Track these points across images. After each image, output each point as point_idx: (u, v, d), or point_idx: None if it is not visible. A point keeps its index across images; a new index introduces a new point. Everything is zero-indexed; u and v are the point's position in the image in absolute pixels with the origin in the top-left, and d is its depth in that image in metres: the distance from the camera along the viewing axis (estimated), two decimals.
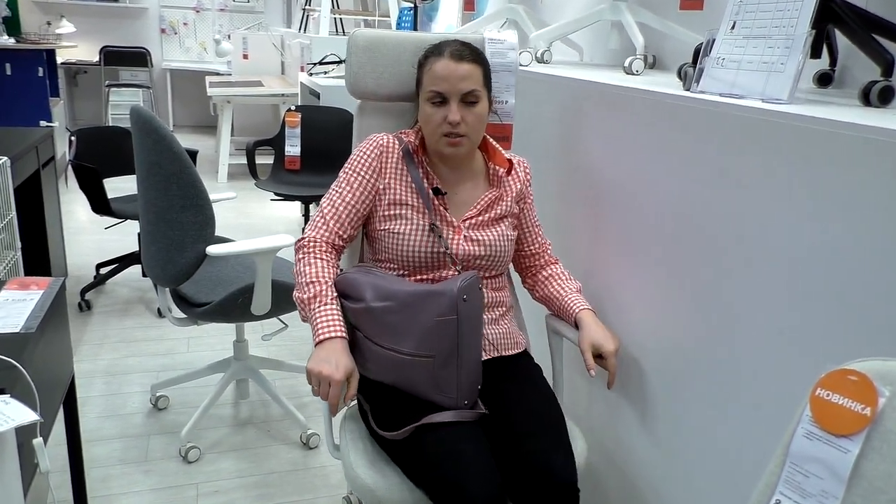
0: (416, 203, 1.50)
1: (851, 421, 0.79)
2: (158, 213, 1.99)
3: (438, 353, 1.35)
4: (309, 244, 1.47)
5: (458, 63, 1.44)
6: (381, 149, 1.52)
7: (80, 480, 1.83)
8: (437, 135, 1.47)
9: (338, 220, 1.49)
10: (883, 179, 0.97)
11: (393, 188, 1.51)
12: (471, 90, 1.44)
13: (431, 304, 1.35)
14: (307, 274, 1.43)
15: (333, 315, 1.39)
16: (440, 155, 1.52)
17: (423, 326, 1.35)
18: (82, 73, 7.57)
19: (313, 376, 1.31)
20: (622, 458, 1.65)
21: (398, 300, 1.37)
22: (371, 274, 1.46)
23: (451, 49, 1.46)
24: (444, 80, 1.44)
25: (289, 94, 5.63)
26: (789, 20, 1.26)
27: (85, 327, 3.09)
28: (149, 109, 1.98)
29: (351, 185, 1.50)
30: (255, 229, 4.65)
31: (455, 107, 1.44)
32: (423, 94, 1.48)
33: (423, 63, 1.50)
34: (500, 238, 1.54)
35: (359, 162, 1.52)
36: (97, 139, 3.45)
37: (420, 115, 1.52)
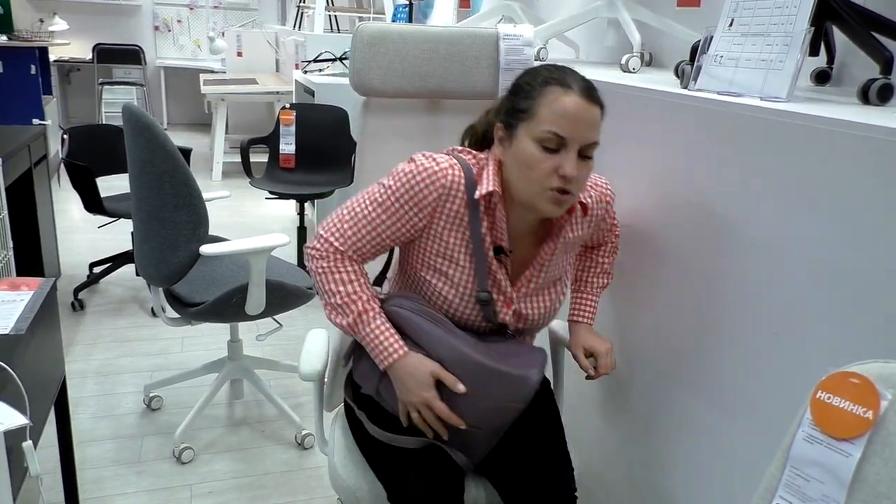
0: (467, 264, 1.26)
1: (853, 424, 0.78)
2: (151, 212, 1.97)
3: (487, 428, 1.25)
4: (327, 255, 1.26)
5: (589, 104, 1.15)
6: (436, 182, 1.21)
7: (72, 482, 1.81)
8: (541, 187, 1.15)
9: (358, 248, 1.26)
10: (884, 178, 0.96)
11: (444, 239, 1.25)
12: (595, 142, 1.17)
13: (504, 388, 1.21)
14: (335, 293, 1.25)
15: (386, 332, 1.24)
16: (530, 209, 1.21)
17: (486, 405, 1.22)
18: (75, 70, 7.53)
19: (410, 411, 1.23)
20: (620, 461, 1.64)
21: (466, 371, 1.20)
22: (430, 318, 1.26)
23: (581, 84, 1.16)
24: (574, 122, 1.13)
25: (283, 91, 5.60)
26: (788, 17, 1.25)
27: (78, 327, 3.07)
28: (142, 107, 1.96)
29: (388, 215, 1.24)
30: (249, 228, 4.63)
31: (574, 157, 1.14)
32: (532, 130, 1.15)
33: (538, 90, 1.17)
34: (552, 310, 1.35)
35: (406, 188, 1.22)
36: (90, 137, 3.42)
37: (514, 154, 1.19)
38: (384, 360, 1.23)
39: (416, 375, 1.21)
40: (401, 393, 1.23)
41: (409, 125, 1.68)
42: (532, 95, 1.17)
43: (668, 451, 1.46)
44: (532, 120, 1.15)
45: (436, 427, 1.23)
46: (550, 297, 1.34)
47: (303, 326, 3.22)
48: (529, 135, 1.16)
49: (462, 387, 1.19)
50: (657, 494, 1.50)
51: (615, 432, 1.65)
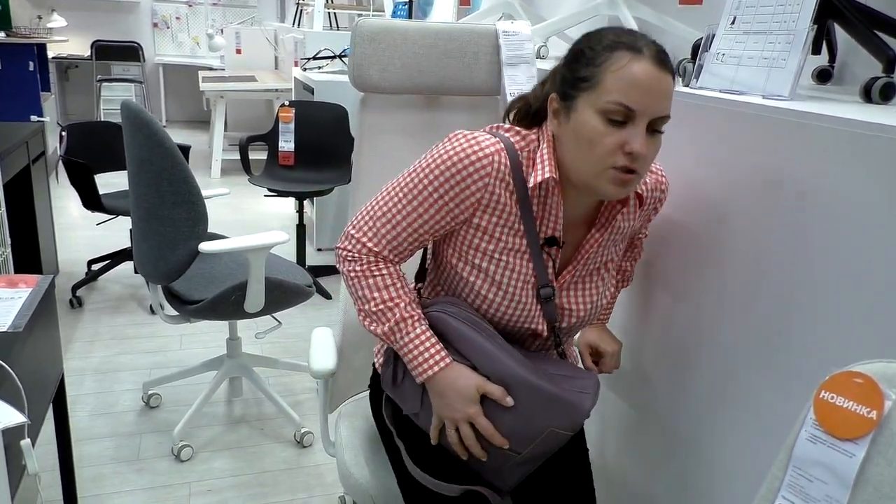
0: (514, 259, 1.13)
1: (856, 424, 0.77)
2: (150, 210, 1.96)
3: (526, 453, 1.12)
4: (359, 258, 1.15)
5: (662, 72, 1.00)
6: (480, 168, 1.07)
7: (70, 480, 1.80)
8: (603, 165, 1.02)
9: (395, 246, 1.14)
10: (887, 177, 0.96)
11: (488, 233, 1.12)
12: (667, 115, 1.03)
13: (552, 412, 1.09)
14: (371, 299, 1.14)
15: (427, 342, 1.12)
16: (589, 190, 1.07)
17: (531, 427, 1.09)
18: (74, 67, 7.52)
19: (447, 427, 1.12)
20: (621, 461, 1.64)
21: (513, 388, 1.09)
22: (478, 330, 1.13)
23: (653, 49, 1.01)
24: (645, 92, 0.99)
25: (282, 89, 5.59)
26: (790, 15, 1.25)
27: (76, 324, 3.07)
28: (140, 104, 1.96)
29: (426, 207, 1.10)
30: (248, 225, 4.62)
31: (643, 131, 1.00)
32: (595, 100, 1.01)
33: (603, 56, 1.01)
34: (595, 306, 1.22)
35: (446, 177, 1.08)
36: (88, 134, 3.41)
37: (572, 128, 1.05)
38: (425, 370, 1.11)
39: (459, 388, 1.09)
40: (439, 408, 1.11)
41: (407, 121, 1.68)
42: (596, 62, 1.01)
43: (668, 451, 1.45)
44: (596, 90, 1.01)
45: (474, 449, 1.10)
46: (594, 292, 1.22)
47: (302, 324, 3.21)
48: (592, 106, 1.01)
49: (510, 399, 1.08)
50: (657, 493, 1.50)
51: (615, 431, 1.65)
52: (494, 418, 1.10)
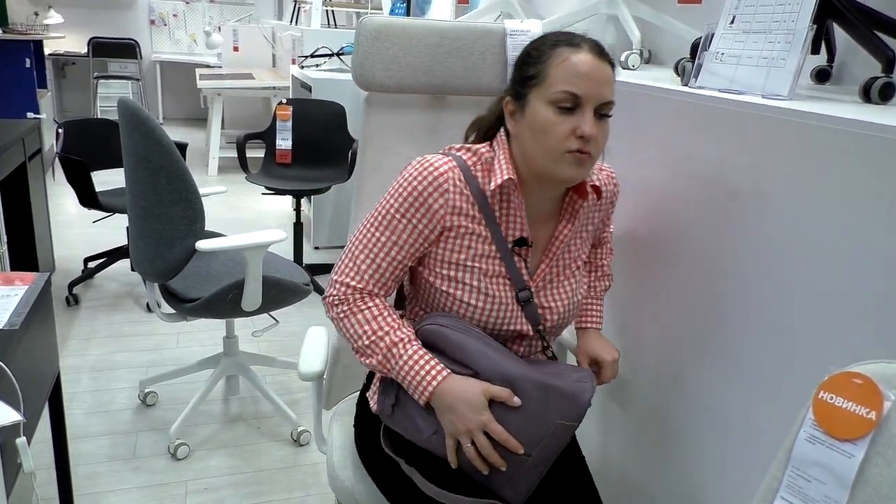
0: (489, 265, 1.18)
1: (855, 425, 0.77)
2: (147, 208, 1.95)
3: (540, 453, 1.11)
4: (345, 298, 1.18)
5: (601, 61, 1.10)
6: (437, 186, 1.14)
7: (66, 478, 1.80)
8: (559, 151, 1.09)
9: (378, 278, 1.18)
10: (886, 176, 0.96)
11: (457, 244, 1.17)
12: (611, 100, 1.12)
13: (557, 405, 1.10)
14: (361, 334, 1.16)
15: (423, 359, 1.13)
16: (549, 179, 1.14)
17: (537, 424, 1.10)
18: (70, 64, 7.50)
19: (461, 440, 1.10)
20: (620, 463, 1.64)
21: (518, 387, 1.11)
22: (471, 334, 1.16)
23: (591, 43, 1.12)
24: (585, 79, 1.08)
25: (280, 86, 5.58)
26: (790, 15, 1.25)
27: (73, 322, 3.06)
28: (137, 102, 1.95)
29: (398, 233, 1.16)
30: (246, 223, 4.61)
31: (590, 115, 1.09)
32: (544, 93, 1.10)
33: (547, 53, 1.12)
34: (572, 302, 1.26)
35: (409, 202, 1.15)
36: (85, 131, 3.40)
37: (528, 123, 1.13)
38: (426, 387, 1.11)
39: (467, 398, 1.09)
40: (451, 423, 1.10)
41: (412, 121, 1.66)
42: (541, 59, 1.12)
43: (668, 451, 1.45)
44: (544, 84, 1.11)
45: (493, 458, 1.10)
46: (569, 286, 1.26)
47: (299, 323, 3.21)
48: (542, 99, 1.11)
49: (518, 399, 1.09)
50: (656, 494, 1.50)
51: (615, 432, 1.65)
52: (502, 422, 1.09)
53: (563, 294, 1.25)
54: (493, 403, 1.10)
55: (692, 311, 1.35)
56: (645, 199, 1.48)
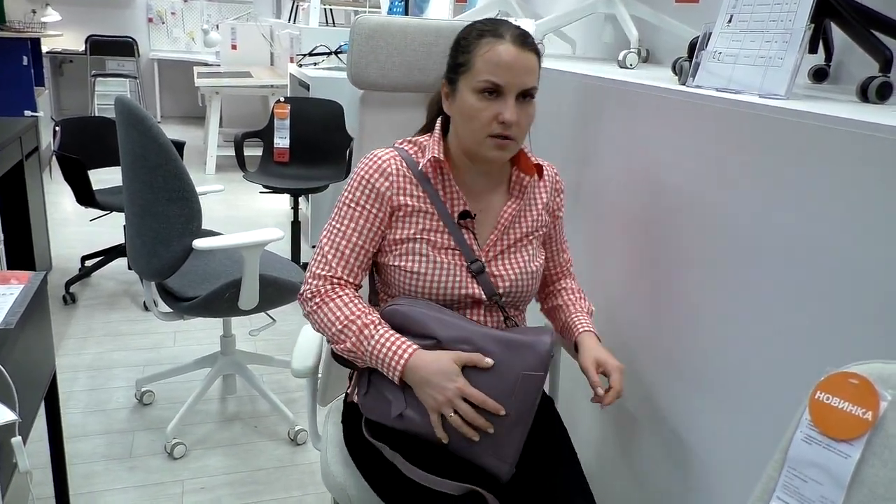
0: (437, 237, 1.26)
1: (852, 425, 0.77)
2: (143, 206, 1.95)
3: (514, 409, 1.14)
4: (316, 290, 1.25)
5: (521, 51, 1.18)
6: (382, 171, 1.26)
7: (62, 477, 1.79)
8: (482, 135, 1.20)
9: (344, 265, 1.26)
10: (884, 176, 0.96)
11: (408, 222, 1.26)
12: (532, 87, 1.21)
13: (518, 356, 1.15)
14: (334, 321, 1.21)
15: (392, 338, 1.18)
16: (477, 159, 1.26)
17: (504, 379, 1.14)
18: (68, 62, 7.48)
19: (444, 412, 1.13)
20: (616, 460, 1.64)
21: (476, 344, 1.16)
22: (431, 308, 1.23)
23: (514, 33, 1.20)
24: (505, 69, 1.17)
25: (278, 85, 5.57)
26: (787, 14, 1.24)
27: (69, 321, 3.05)
28: (135, 100, 1.94)
29: (355, 221, 1.26)
30: (243, 222, 4.60)
31: (512, 103, 1.18)
32: (470, 81, 1.20)
33: (474, 44, 1.21)
34: (525, 271, 1.31)
35: (359, 190, 1.26)
36: (82, 130, 3.39)
37: (457, 107, 1.24)
38: (398, 362, 1.16)
39: (440, 367, 1.14)
40: (429, 396, 1.14)
41: (407, 119, 1.66)
42: (468, 49, 1.22)
43: (664, 451, 1.45)
44: (470, 72, 1.20)
45: (477, 421, 1.13)
46: (521, 259, 1.32)
47: (296, 322, 3.20)
48: (469, 87, 1.20)
49: (489, 360, 1.14)
50: (653, 494, 1.49)
51: (611, 432, 1.65)
52: (473, 383, 1.14)
53: (514, 263, 1.31)
54: (464, 369, 1.15)
55: (689, 311, 1.35)
56: (641, 197, 1.48)
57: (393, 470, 1.21)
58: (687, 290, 1.36)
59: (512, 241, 1.32)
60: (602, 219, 1.63)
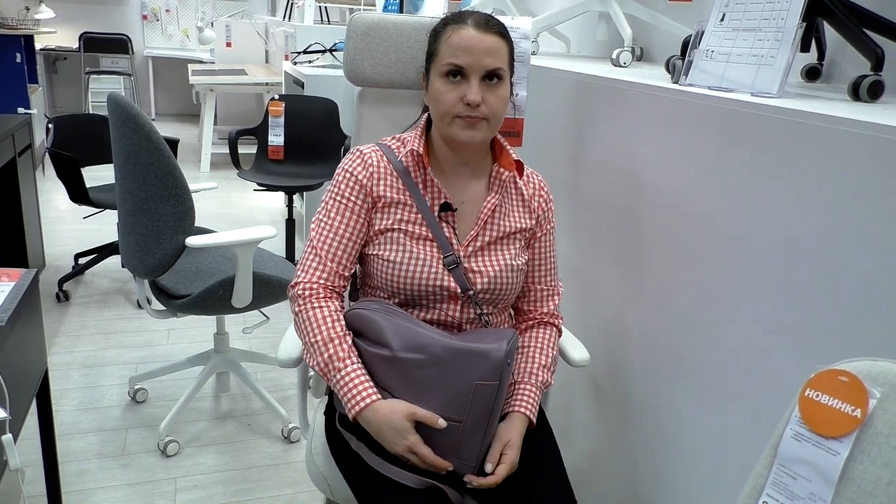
0: (415, 229, 1.28)
1: (841, 422, 0.77)
2: (136, 203, 1.94)
3: (469, 417, 1.16)
4: (305, 292, 1.26)
5: (483, 33, 1.22)
6: (363, 163, 1.30)
7: (54, 475, 1.79)
8: (450, 116, 1.24)
9: (334, 258, 1.28)
10: (874, 175, 0.96)
11: (387, 213, 1.29)
12: (495, 67, 1.22)
13: (471, 366, 1.16)
14: (312, 333, 1.23)
15: (356, 379, 1.19)
16: (453, 144, 1.29)
17: (457, 389, 1.16)
18: (62, 59, 7.45)
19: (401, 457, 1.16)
20: (607, 459, 1.64)
21: (430, 354, 1.17)
22: (391, 314, 1.24)
23: (476, 17, 1.24)
24: (466, 51, 1.21)
25: (273, 83, 5.56)
26: (779, 13, 1.24)
27: (63, 318, 3.04)
28: (130, 98, 1.94)
29: (341, 213, 1.28)
30: (238, 220, 4.59)
31: (475, 84, 1.21)
32: (437, 67, 1.25)
33: (440, 32, 1.26)
34: (506, 269, 1.31)
35: (343, 183, 1.30)
36: (75, 127, 3.38)
37: (429, 95, 1.29)
38: (353, 407, 1.17)
39: (391, 423, 1.15)
40: (382, 442, 1.17)
41: (404, 116, 1.67)
42: (436, 38, 1.27)
43: (654, 449, 1.45)
44: (436, 59, 1.26)
45: (437, 464, 1.15)
46: (502, 258, 1.32)
47: (290, 319, 3.17)
48: (436, 73, 1.25)
49: (443, 422, 1.15)
50: (644, 492, 1.50)
51: (602, 430, 1.65)
52: (425, 393, 1.16)
53: (495, 260, 1.32)
54: (405, 363, 1.17)
55: (680, 309, 1.35)
56: (632, 195, 1.48)
57: (362, 461, 1.22)
58: (678, 286, 1.36)
59: (494, 238, 1.33)
60: (594, 216, 1.63)
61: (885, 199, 0.94)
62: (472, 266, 1.30)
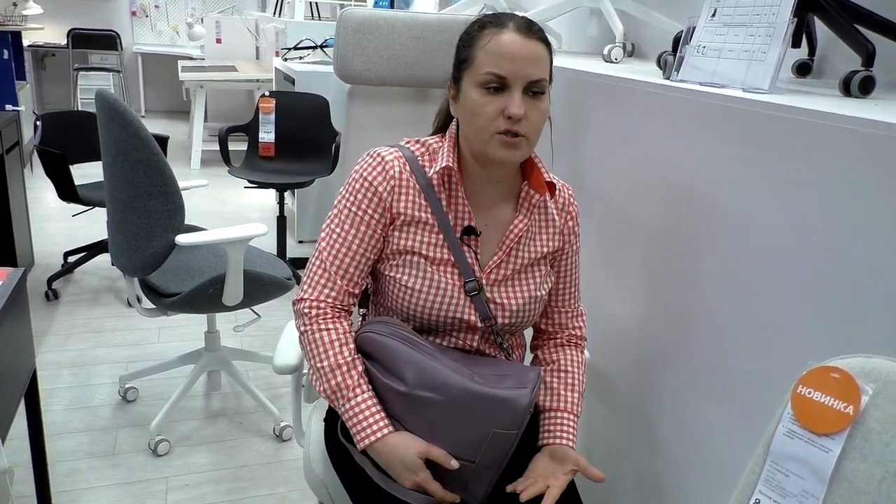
0: (436, 252, 1.19)
1: (833, 419, 0.77)
2: (125, 201, 1.93)
3: (482, 460, 1.10)
4: (312, 311, 1.18)
5: (526, 39, 1.09)
6: (386, 176, 1.17)
7: (44, 475, 1.77)
8: (489, 133, 1.11)
9: (344, 275, 1.18)
10: (865, 170, 0.96)
11: (408, 231, 1.19)
12: (539, 78, 1.10)
13: (490, 413, 1.09)
14: (319, 358, 1.16)
15: (367, 411, 1.13)
16: (487, 162, 1.16)
17: (474, 433, 1.09)
18: (50, 56, 7.40)
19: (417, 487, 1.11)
20: (599, 457, 1.64)
21: (447, 395, 1.10)
22: (407, 342, 1.15)
23: (517, 21, 1.11)
24: (509, 59, 1.08)
25: (263, 79, 5.54)
26: (770, 8, 1.24)
27: (52, 317, 3.02)
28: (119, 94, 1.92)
29: (356, 226, 1.18)
30: (228, 217, 4.57)
31: (518, 96, 1.09)
32: (472, 76, 1.12)
33: (475, 36, 1.13)
34: (529, 302, 1.23)
35: (360, 192, 1.18)
36: (64, 124, 3.35)
37: (461, 106, 1.16)
38: (363, 438, 1.12)
39: (402, 458, 1.10)
40: (389, 472, 1.12)
41: (395, 114, 1.66)
42: (471, 42, 1.14)
43: (649, 446, 1.45)
44: (472, 67, 1.12)
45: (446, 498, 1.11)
46: (527, 288, 1.23)
47: (281, 317, 3.19)
48: (472, 82, 1.12)
49: (455, 463, 1.10)
50: (639, 489, 1.50)
51: (597, 427, 1.65)
52: (438, 433, 1.11)
53: (518, 292, 1.23)
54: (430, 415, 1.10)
55: (674, 306, 1.35)
56: (627, 192, 1.48)
57: (364, 473, 1.18)
58: (670, 283, 1.36)
59: (518, 267, 1.23)
60: (586, 213, 1.63)
61: (876, 194, 0.94)
62: (493, 297, 1.21)
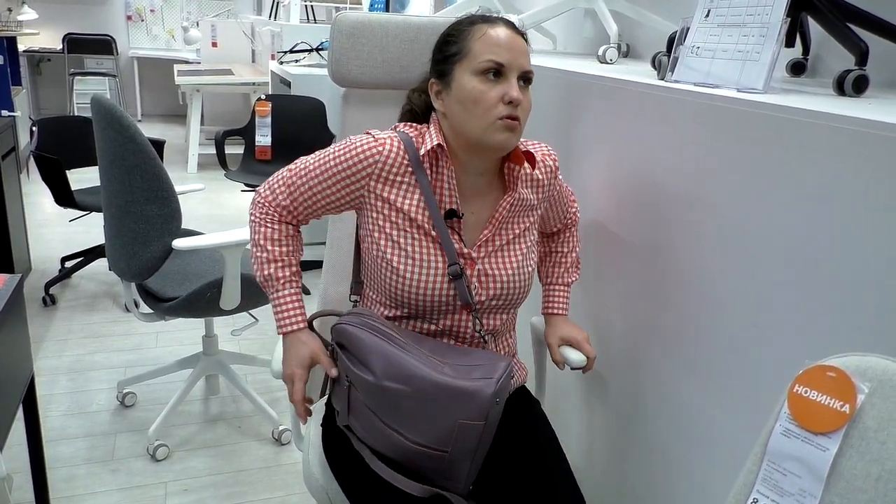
0: (424, 235, 1.23)
1: (830, 418, 0.77)
2: (122, 206, 1.93)
3: (454, 450, 1.12)
4: (267, 207, 1.29)
5: (515, 34, 1.19)
6: (379, 157, 1.21)
7: (42, 481, 1.77)
8: (490, 118, 1.15)
9: (300, 205, 1.28)
10: (859, 169, 0.96)
11: (396, 203, 1.23)
12: (529, 70, 1.19)
13: (456, 404, 1.11)
14: (260, 248, 1.28)
15: (291, 303, 1.28)
16: (483, 149, 1.20)
17: (441, 424, 1.11)
18: (45, 61, 7.38)
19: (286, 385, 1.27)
20: (598, 457, 1.64)
21: (414, 387, 1.12)
22: (379, 333, 1.18)
23: (503, 20, 1.21)
24: (508, 48, 1.16)
25: (259, 82, 5.53)
26: (764, 8, 1.25)
27: (49, 323, 3.01)
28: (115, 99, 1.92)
29: (326, 178, 1.24)
30: (226, 221, 4.57)
31: (515, 82, 1.16)
32: (469, 65, 1.17)
33: (467, 31, 1.20)
34: (519, 272, 1.28)
35: (346, 165, 1.23)
36: (60, 129, 3.35)
37: (455, 97, 1.19)
38: (281, 327, 1.28)
39: (298, 349, 1.26)
40: (282, 362, 1.28)
41: (390, 117, 1.65)
42: (462, 37, 1.20)
43: (647, 446, 1.45)
44: (467, 57, 1.18)
45: (296, 406, 1.27)
46: (515, 258, 1.28)
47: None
48: (468, 71, 1.17)
49: (335, 371, 1.22)
50: (637, 488, 1.50)
51: (595, 427, 1.65)
52: (408, 422, 1.13)
53: (507, 263, 1.28)
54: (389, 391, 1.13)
55: (670, 305, 1.35)
56: (620, 192, 1.48)
57: (363, 474, 1.19)
58: (667, 283, 1.36)
59: (507, 239, 1.28)
60: (583, 214, 1.63)
61: (870, 192, 0.95)
62: (485, 269, 1.25)
